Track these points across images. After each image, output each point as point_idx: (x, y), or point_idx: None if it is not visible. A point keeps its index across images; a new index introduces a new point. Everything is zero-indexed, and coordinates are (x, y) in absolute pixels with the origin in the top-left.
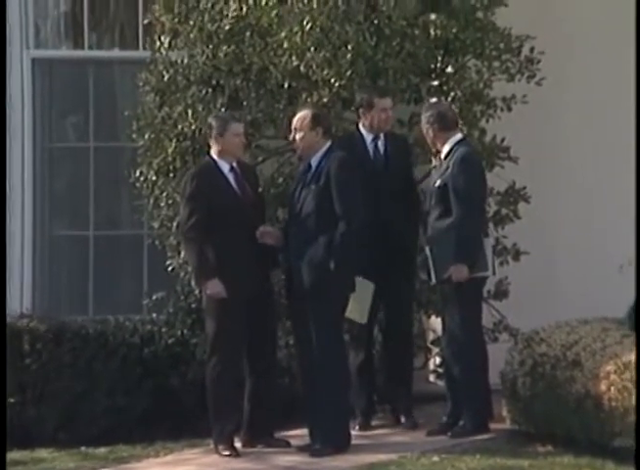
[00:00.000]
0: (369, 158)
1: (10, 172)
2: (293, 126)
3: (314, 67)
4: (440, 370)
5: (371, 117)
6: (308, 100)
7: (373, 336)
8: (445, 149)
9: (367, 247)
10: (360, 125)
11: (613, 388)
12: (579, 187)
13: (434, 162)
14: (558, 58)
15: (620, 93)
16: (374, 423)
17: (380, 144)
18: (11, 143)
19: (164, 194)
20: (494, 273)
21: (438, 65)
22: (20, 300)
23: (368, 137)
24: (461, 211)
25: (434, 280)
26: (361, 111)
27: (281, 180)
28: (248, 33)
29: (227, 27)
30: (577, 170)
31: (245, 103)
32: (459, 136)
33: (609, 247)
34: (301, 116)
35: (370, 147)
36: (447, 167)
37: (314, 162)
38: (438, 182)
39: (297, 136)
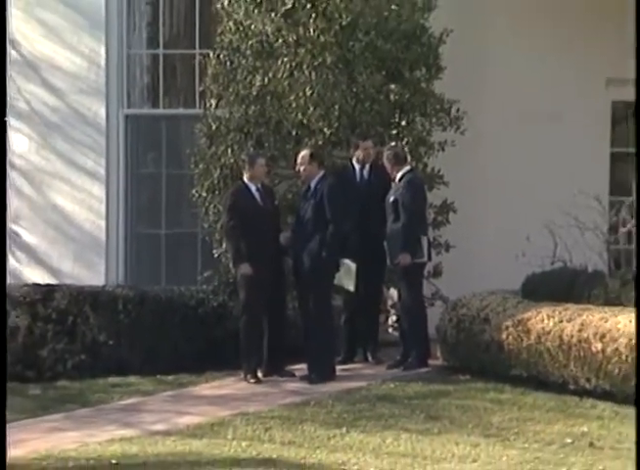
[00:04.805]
0: (357, 182)
1: (109, 190)
2: (298, 162)
3: (313, 120)
4: (396, 325)
5: (358, 154)
6: (309, 142)
7: (355, 302)
8: (398, 176)
9: (354, 241)
10: (353, 159)
11: (510, 336)
12: (491, 202)
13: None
14: (475, 115)
15: (520, 138)
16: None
17: (365, 172)
18: (111, 171)
19: (212, 205)
20: (430, 259)
21: (396, 120)
22: (116, 275)
23: (357, 167)
24: (406, 218)
25: (388, 264)
26: (351, 150)
27: (290, 196)
28: (268, 97)
29: (254, 93)
30: (489, 191)
31: (266, 144)
32: (408, 168)
33: (508, 243)
34: (303, 154)
35: (358, 174)
36: (398, 188)
37: (313, 184)
38: (392, 198)
39: (301, 168)
